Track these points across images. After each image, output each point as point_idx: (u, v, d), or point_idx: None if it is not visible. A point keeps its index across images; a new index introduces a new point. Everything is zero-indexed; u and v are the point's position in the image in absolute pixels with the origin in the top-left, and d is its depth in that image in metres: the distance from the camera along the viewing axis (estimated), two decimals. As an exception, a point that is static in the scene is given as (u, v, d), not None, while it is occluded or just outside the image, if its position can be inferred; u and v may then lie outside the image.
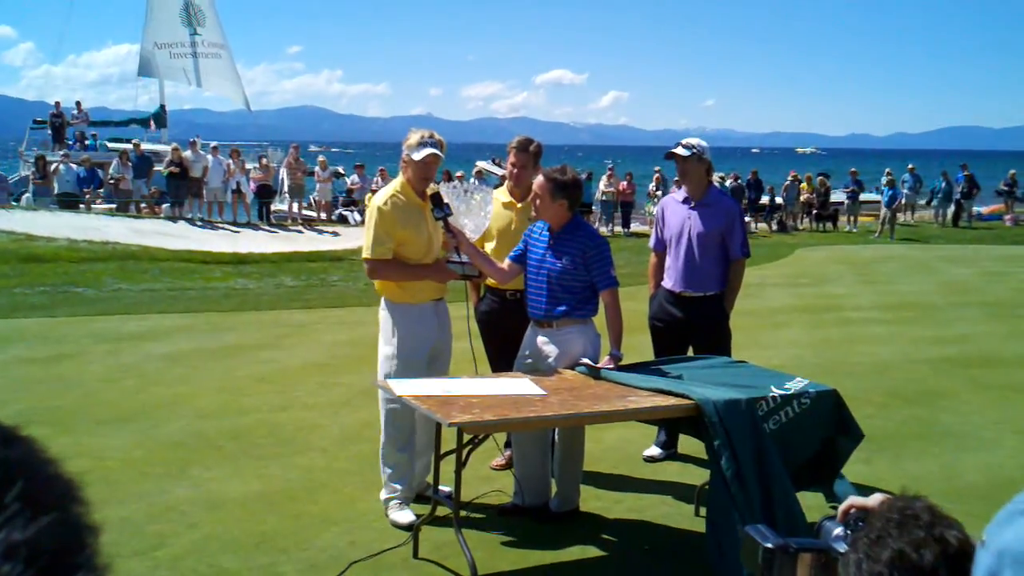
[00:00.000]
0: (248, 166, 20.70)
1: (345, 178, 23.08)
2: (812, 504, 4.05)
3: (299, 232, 19.52)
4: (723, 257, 5.21)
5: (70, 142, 24.05)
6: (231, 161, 19.99)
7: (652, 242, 5.58)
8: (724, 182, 21.52)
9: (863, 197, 24.00)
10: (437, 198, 4.31)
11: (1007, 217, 25.03)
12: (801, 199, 23.44)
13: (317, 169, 21.26)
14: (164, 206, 20.20)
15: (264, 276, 13.48)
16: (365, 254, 4.35)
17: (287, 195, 21.01)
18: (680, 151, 5.20)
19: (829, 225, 23.54)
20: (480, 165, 26.10)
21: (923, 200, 25.69)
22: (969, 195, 24.30)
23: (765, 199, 23.37)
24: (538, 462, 4.47)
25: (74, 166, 20.21)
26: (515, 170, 4.88)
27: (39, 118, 26.19)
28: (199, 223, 19.15)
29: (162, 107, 26.99)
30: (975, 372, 7.56)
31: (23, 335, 8.53)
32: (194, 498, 4.51)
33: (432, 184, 4.45)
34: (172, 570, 3.75)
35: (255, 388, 6.71)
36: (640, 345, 5.70)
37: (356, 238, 16.05)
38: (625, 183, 22.14)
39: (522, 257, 4.43)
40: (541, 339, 4.39)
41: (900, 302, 11.53)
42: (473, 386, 3.97)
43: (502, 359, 4.77)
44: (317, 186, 21.32)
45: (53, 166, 20.09)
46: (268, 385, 6.80)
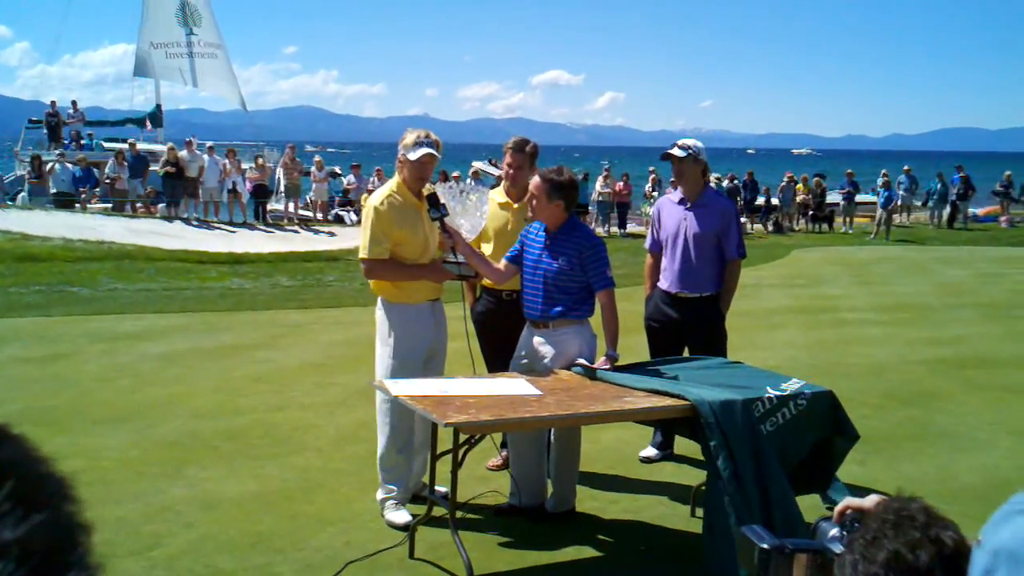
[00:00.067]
0: (244, 166, 20.66)
1: (341, 178, 23.06)
2: (808, 505, 4.05)
3: (295, 232, 19.50)
4: (719, 258, 5.21)
5: (66, 142, 24.00)
6: (227, 161, 19.96)
7: (648, 243, 5.58)
8: (721, 183, 21.54)
9: (859, 198, 24.04)
10: (433, 198, 4.30)
11: (1002, 219, 25.08)
12: (797, 200, 23.49)
13: (313, 169, 21.25)
14: (160, 206, 20.18)
15: (260, 276, 13.46)
16: (362, 254, 4.34)
17: (283, 195, 21.01)
18: (676, 152, 5.20)
19: (825, 226, 23.58)
20: (476, 165, 26.10)
21: (919, 201, 25.73)
22: (965, 197, 24.35)
23: (761, 200, 23.40)
24: (534, 462, 4.47)
25: (70, 166, 20.17)
26: (511, 171, 4.88)
27: (35, 117, 26.14)
28: (195, 223, 19.12)
29: (158, 107, 26.94)
30: (970, 373, 7.57)
31: (18, 334, 8.51)
32: (190, 498, 4.50)
33: (428, 184, 4.45)
34: (168, 570, 3.75)
35: (251, 388, 6.70)
36: (636, 346, 5.70)
37: (352, 238, 16.05)
38: (621, 184, 22.17)
39: (518, 258, 4.43)
40: (537, 339, 4.39)
41: (896, 303, 11.55)
42: (469, 386, 3.97)
43: (498, 359, 4.77)
44: (313, 186, 21.33)
45: (49, 165, 20.02)
46: (264, 385, 6.79)
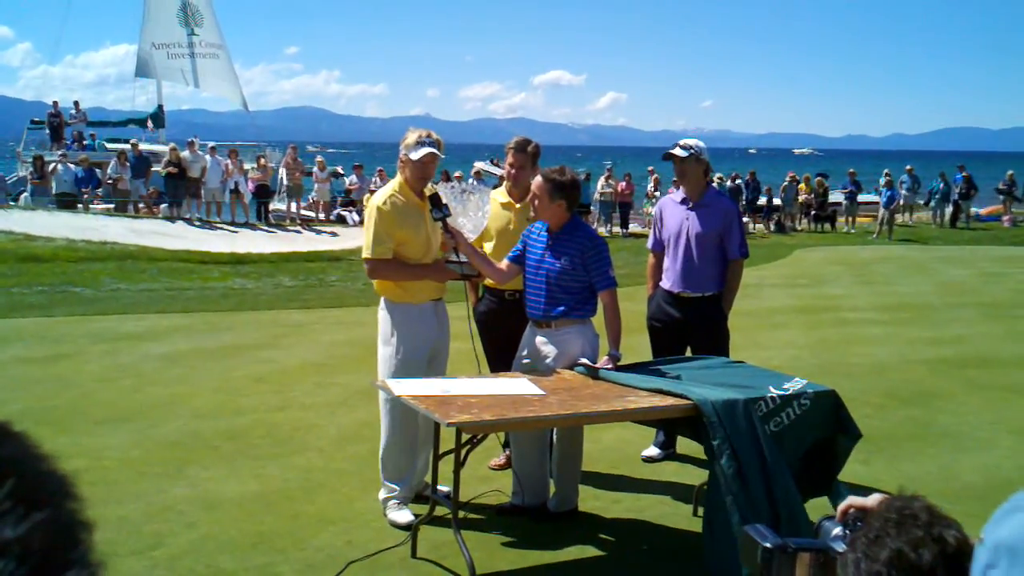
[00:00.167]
0: (246, 166, 20.66)
1: (344, 178, 23.06)
2: (811, 504, 4.05)
3: (297, 232, 19.50)
4: (721, 258, 5.21)
5: (68, 142, 24.02)
6: (229, 161, 19.97)
7: (650, 243, 5.58)
8: (724, 183, 21.53)
9: (861, 198, 24.01)
10: (436, 199, 4.30)
11: (1005, 218, 25.05)
12: (799, 200, 23.46)
13: (315, 169, 21.25)
14: (162, 206, 20.19)
15: (262, 276, 13.47)
16: (365, 254, 4.34)
17: (285, 195, 21.00)
18: (678, 152, 5.20)
19: (827, 226, 23.56)
20: (478, 166, 26.09)
21: (921, 201, 25.71)
22: (967, 196, 24.32)
23: (763, 200, 23.38)
24: (536, 462, 4.46)
25: (72, 166, 20.17)
26: (513, 170, 4.87)
27: (37, 118, 26.16)
28: (197, 223, 19.13)
29: (160, 107, 26.95)
30: (972, 373, 7.56)
31: (21, 335, 8.52)
32: (191, 498, 4.51)
33: (430, 185, 4.45)
34: (170, 570, 3.75)
35: (253, 388, 6.70)
36: (638, 345, 5.70)
37: (354, 238, 16.05)
38: (623, 184, 22.16)
39: (520, 257, 4.43)
40: (540, 339, 4.39)
41: (898, 303, 11.54)
42: (472, 386, 3.96)
43: (500, 359, 4.77)
44: (315, 186, 21.32)
45: (51, 166, 20.04)
46: (266, 385, 6.79)
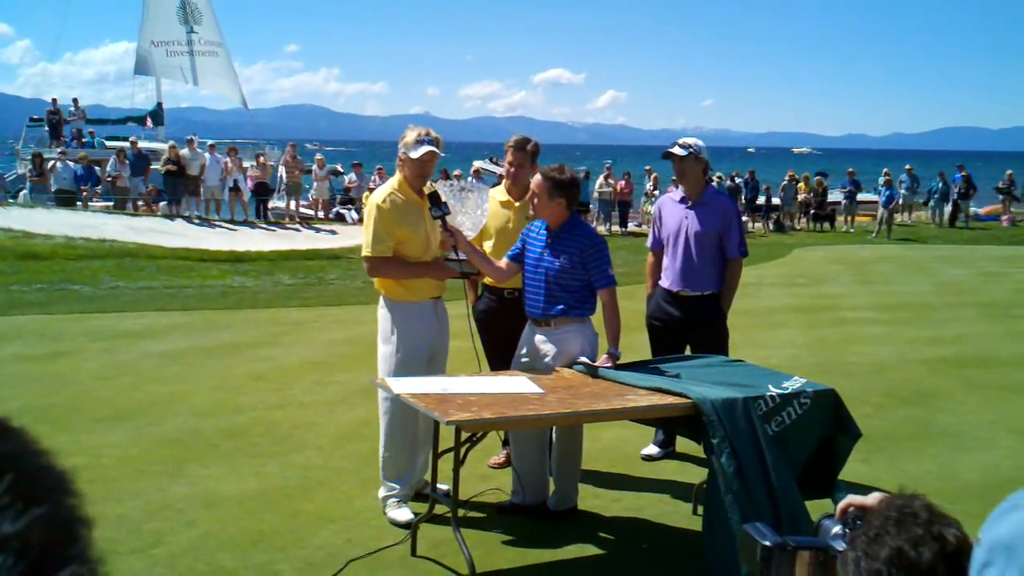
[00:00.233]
0: (245, 164, 20.65)
1: (343, 176, 23.05)
2: (812, 502, 4.05)
3: (296, 230, 19.50)
4: (720, 256, 5.21)
5: (67, 140, 24.01)
6: (228, 159, 19.96)
7: (649, 241, 5.57)
8: (723, 182, 21.53)
9: (860, 197, 24.01)
10: (435, 197, 4.30)
11: (1004, 218, 25.06)
12: (799, 199, 23.47)
13: (314, 167, 21.24)
14: (161, 204, 20.17)
15: (261, 274, 13.46)
16: (365, 252, 4.33)
17: (284, 193, 21.00)
18: (677, 151, 5.20)
19: (826, 225, 23.57)
20: (478, 164, 26.07)
21: (920, 200, 25.71)
22: (966, 195, 24.32)
23: (762, 199, 23.39)
24: (536, 461, 4.46)
25: (71, 163, 20.15)
26: (513, 169, 4.87)
27: (36, 115, 26.16)
28: (196, 221, 19.11)
29: (159, 105, 26.94)
30: (971, 372, 7.57)
31: (19, 332, 8.51)
32: (191, 496, 4.50)
33: (429, 183, 4.44)
34: (170, 568, 3.75)
35: (252, 386, 6.70)
36: (638, 344, 5.70)
37: (354, 236, 16.04)
38: (623, 182, 22.15)
39: (520, 256, 4.43)
40: (539, 338, 4.38)
41: (897, 302, 11.54)
42: (471, 384, 3.96)
43: (500, 358, 4.77)
44: (314, 184, 21.32)
45: (50, 163, 20.03)
46: (265, 383, 6.79)
